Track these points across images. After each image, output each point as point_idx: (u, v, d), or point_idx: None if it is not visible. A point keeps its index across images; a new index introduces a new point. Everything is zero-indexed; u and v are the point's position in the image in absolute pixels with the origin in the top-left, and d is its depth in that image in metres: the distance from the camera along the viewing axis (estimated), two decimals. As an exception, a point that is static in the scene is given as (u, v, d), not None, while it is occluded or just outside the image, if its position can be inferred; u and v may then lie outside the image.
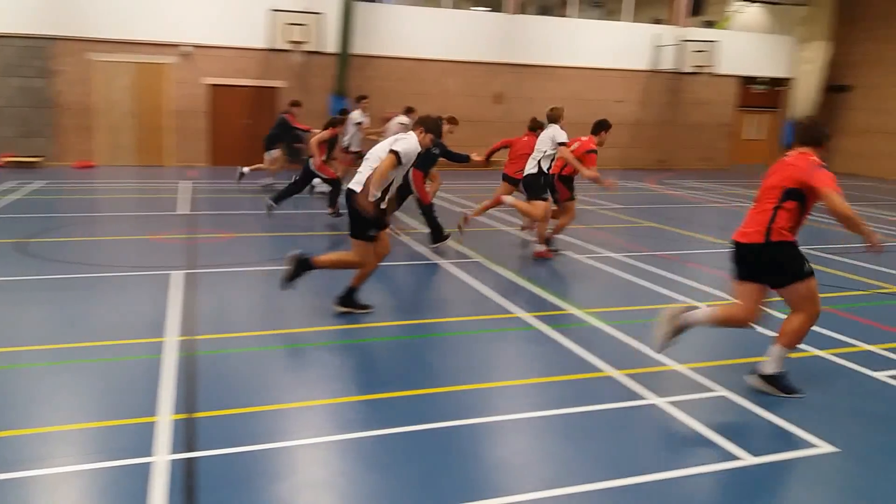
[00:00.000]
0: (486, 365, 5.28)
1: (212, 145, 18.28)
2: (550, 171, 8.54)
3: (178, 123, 17.87)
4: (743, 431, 4.16)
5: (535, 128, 9.45)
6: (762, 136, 24.69)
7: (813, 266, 4.67)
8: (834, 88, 23.21)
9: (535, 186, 8.52)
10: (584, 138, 9.01)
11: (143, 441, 3.74)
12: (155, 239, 9.05)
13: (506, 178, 9.73)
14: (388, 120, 13.62)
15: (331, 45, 18.11)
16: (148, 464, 3.52)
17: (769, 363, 4.65)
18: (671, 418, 4.30)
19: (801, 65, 23.20)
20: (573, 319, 6.22)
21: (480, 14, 20.82)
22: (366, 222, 5.82)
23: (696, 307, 4.94)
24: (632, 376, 4.89)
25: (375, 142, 6.38)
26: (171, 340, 5.28)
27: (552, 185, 8.71)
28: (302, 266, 5.94)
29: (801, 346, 5.00)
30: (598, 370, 5.01)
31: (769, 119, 24.45)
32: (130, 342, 5.27)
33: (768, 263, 4.57)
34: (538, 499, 3.37)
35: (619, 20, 21.95)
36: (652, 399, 4.54)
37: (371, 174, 5.70)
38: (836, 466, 3.84)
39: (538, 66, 20.69)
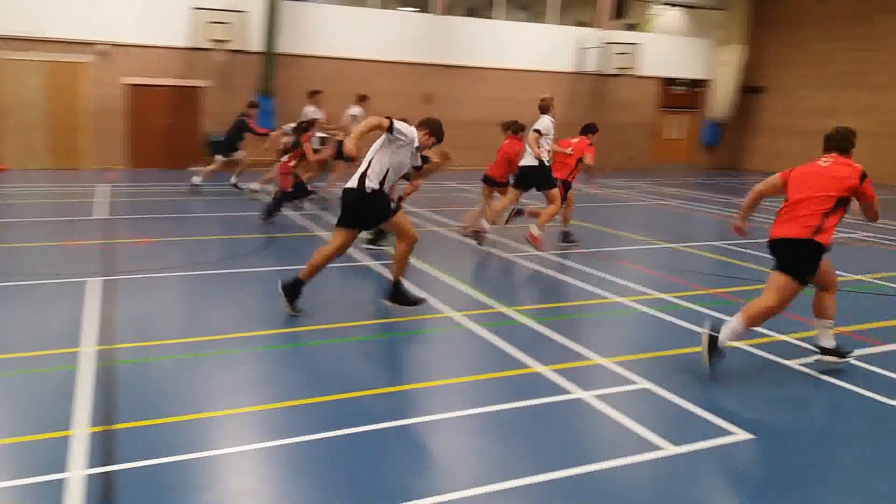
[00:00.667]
0: (416, 365, 5.29)
1: (131, 147, 17.67)
2: (551, 166, 8.73)
3: (95, 124, 17.21)
4: (664, 422, 4.29)
5: (518, 130, 9.60)
6: (682, 135, 25.52)
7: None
8: (749, 89, 24.23)
9: (538, 178, 8.72)
10: (574, 140, 9.58)
11: (57, 456, 3.58)
12: (70, 245, 8.68)
13: (487, 180, 9.74)
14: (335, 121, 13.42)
15: (255, 43, 17.79)
16: (62, 480, 3.38)
17: (725, 332, 4.89)
18: (596, 411, 4.40)
19: (718, 67, 24.12)
20: (503, 317, 6.28)
21: (408, 14, 20.80)
22: (379, 209, 6.00)
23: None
24: (558, 371, 4.98)
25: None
26: (88, 350, 5.07)
27: (549, 175, 8.85)
28: (400, 293, 6.18)
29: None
30: (527, 366, 5.08)
31: (689, 119, 25.30)
32: (44, 353, 5.03)
33: (797, 253, 4.86)
34: (468, 497, 3.39)
35: (544, 22, 22.31)
36: (578, 393, 4.63)
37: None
38: (753, 452, 4.01)
39: (466, 66, 20.83)
